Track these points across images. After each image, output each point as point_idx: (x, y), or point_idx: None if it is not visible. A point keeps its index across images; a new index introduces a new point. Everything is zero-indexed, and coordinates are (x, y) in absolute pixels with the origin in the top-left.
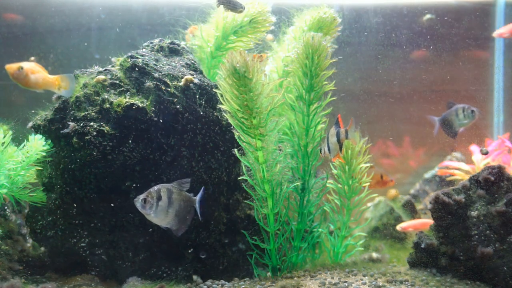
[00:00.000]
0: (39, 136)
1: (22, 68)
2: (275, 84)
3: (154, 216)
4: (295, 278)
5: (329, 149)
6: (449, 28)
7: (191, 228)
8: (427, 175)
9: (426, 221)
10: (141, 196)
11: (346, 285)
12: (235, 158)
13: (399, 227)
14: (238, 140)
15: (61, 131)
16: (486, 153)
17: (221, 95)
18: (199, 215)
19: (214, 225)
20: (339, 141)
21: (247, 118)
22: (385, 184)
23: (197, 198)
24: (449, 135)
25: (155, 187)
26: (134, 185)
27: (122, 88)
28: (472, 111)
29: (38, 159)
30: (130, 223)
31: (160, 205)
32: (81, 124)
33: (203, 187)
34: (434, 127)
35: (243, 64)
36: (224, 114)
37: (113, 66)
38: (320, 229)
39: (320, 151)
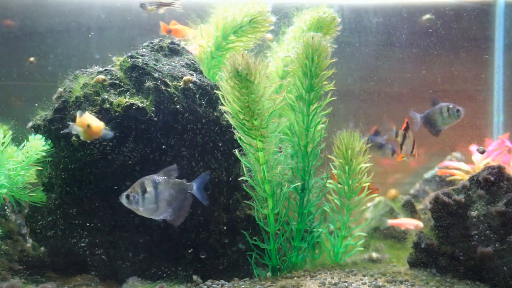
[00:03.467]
0: (39, 136)
1: (89, 126)
2: (276, 86)
3: (143, 210)
4: (295, 278)
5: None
6: (449, 28)
7: (191, 228)
8: (427, 175)
9: (417, 223)
10: (125, 192)
11: (346, 285)
12: (235, 158)
13: (389, 222)
14: (239, 141)
15: (61, 131)
16: (482, 152)
17: (223, 96)
18: (203, 201)
19: (214, 225)
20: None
21: (249, 119)
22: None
23: (195, 184)
24: (432, 133)
25: (139, 180)
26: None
27: (122, 88)
28: (458, 110)
29: (38, 159)
30: (130, 223)
31: (147, 198)
32: None
33: (208, 171)
34: (416, 124)
35: (245, 67)
36: (224, 114)
37: (113, 66)
38: (320, 229)
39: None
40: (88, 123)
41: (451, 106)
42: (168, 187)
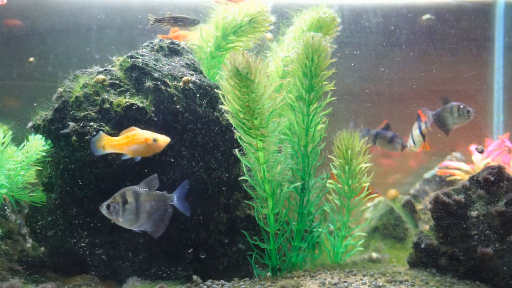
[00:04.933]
0: (39, 136)
1: (156, 140)
2: (276, 85)
3: (123, 221)
4: (295, 278)
5: (413, 142)
6: (449, 28)
7: (191, 228)
8: (427, 175)
9: None
10: (105, 202)
11: (346, 285)
12: (235, 158)
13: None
14: (239, 140)
15: (61, 131)
16: (481, 151)
17: (223, 96)
18: (185, 212)
19: (214, 225)
20: (421, 133)
21: (249, 119)
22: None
23: (175, 195)
24: (442, 131)
25: (120, 191)
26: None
27: (122, 88)
28: (468, 111)
29: (38, 159)
30: None
31: (127, 209)
32: (81, 124)
33: (186, 181)
34: (427, 121)
35: (245, 66)
36: (224, 114)
37: (113, 66)
38: (320, 229)
39: (407, 146)
40: (155, 137)
41: (461, 106)
42: (149, 199)
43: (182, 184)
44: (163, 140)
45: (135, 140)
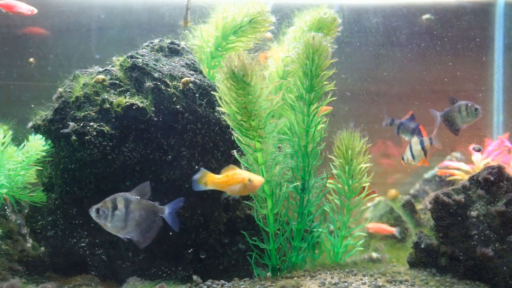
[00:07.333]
0: (39, 136)
1: (251, 180)
2: (274, 86)
3: (110, 226)
4: (295, 278)
5: (412, 156)
6: (449, 28)
7: (191, 228)
8: (427, 175)
9: (389, 228)
10: (95, 206)
11: (346, 285)
12: (235, 158)
13: (366, 226)
14: (237, 141)
15: (61, 131)
16: (479, 150)
17: (220, 98)
18: (173, 227)
19: (214, 225)
20: (423, 148)
21: (246, 120)
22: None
23: (167, 208)
24: (452, 132)
25: (111, 196)
26: (134, 185)
27: (122, 88)
28: (476, 109)
29: (38, 159)
30: None
31: (116, 215)
32: (81, 124)
33: (182, 198)
34: (435, 122)
35: (241, 68)
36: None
37: (113, 66)
38: (320, 229)
39: (403, 159)
40: (250, 178)
41: (469, 105)
42: (139, 207)
43: (177, 200)
44: (258, 180)
45: (233, 180)
